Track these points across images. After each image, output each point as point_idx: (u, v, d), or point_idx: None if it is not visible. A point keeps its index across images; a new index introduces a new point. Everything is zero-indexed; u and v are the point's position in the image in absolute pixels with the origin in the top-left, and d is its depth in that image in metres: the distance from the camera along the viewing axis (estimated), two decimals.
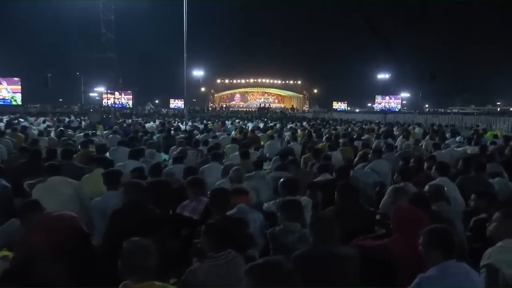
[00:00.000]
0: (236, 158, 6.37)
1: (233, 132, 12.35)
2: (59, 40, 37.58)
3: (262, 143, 9.77)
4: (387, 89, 51.18)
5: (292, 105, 57.70)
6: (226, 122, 20.19)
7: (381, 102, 52.33)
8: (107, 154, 6.41)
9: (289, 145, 8.96)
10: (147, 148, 6.86)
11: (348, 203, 3.32)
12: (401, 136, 9.25)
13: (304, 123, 19.45)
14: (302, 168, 5.67)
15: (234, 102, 60.91)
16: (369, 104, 58.56)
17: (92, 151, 6.28)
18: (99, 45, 20.74)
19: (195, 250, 2.36)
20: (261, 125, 17.49)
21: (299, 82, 58.40)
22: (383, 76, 46.61)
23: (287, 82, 58.06)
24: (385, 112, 37.31)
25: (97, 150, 5.79)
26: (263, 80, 57.08)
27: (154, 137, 10.92)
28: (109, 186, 3.42)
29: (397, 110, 50.63)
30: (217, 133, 11.84)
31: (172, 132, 11.79)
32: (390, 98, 53.24)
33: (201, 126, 15.80)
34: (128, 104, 49.67)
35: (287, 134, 11.19)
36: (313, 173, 5.16)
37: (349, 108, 58.28)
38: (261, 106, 53.09)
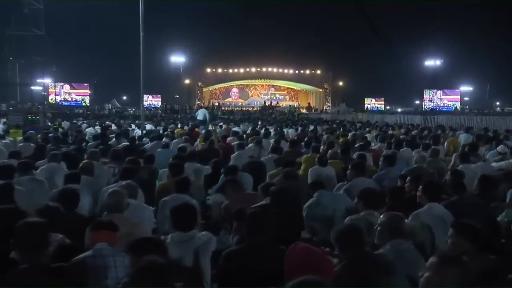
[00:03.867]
0: (166, 174, 6.30)
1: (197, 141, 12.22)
2: None
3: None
4: (440, 82, 50.80)
5: (309, 103, 57.74)
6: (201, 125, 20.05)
7: (432, 99, 52.01)
8: None
9: (268, 156, 8.80)
10: (49, 161, 6.76)
11: (258, 241, 3.14)
12: (420, 146, 9.01)
13: (311, 127, 19.23)
14: (243, 190, 5.45)
15: (230, 99, 61.16)
16: (417, 102, 58.18)
17: None
18: (21, 19, 20.66)
19: None
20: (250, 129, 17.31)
21: (318, 72, 58.52)
22: (432, 62, 46.16)
23: (302, 72, 58.23)
24: (432, 112, 36.88)
25: None
26: (270, 69, 57.19)
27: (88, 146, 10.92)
28: None
29: (455, 109, 50.18)
30: (175, 140, 11.75)
31: (114, 139, 11.70)
32: (445, 94, 52.86)
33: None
34: (84, 101, 50.13)
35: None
36: (259, 196, 4.99)
37: (388, 107, 57.96)
38: (266, 104, 52.97)
